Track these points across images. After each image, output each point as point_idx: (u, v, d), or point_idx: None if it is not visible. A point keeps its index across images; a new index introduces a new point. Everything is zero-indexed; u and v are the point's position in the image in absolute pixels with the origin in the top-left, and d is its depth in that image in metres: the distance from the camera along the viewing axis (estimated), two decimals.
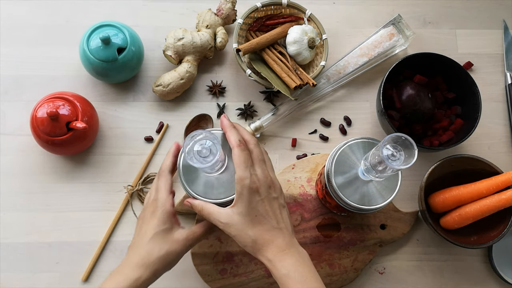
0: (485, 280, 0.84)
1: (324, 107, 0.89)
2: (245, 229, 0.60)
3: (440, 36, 0.93)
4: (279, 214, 0.62)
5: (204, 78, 0.88)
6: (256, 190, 0.60)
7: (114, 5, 0.90)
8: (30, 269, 0.80)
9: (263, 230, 0.61)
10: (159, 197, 0.66)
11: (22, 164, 0.83)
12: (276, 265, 0.60)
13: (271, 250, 0.60)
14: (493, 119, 0.89)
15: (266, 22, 0.88)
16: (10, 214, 0.81)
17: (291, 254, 0.60)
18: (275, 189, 0.63)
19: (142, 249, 0.63)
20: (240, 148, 0.61)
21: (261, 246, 0.61)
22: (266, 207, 0.61)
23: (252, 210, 0.60)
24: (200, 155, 0.58)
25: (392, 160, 0.59)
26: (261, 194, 0.61)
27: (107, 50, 0.79)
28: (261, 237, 0.60)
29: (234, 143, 0.62)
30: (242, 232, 0.61)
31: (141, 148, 0.85)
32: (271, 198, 0.62)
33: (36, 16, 0.89)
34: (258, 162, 0.62)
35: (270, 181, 0.62)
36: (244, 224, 0.60)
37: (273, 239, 0.61)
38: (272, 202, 0.62)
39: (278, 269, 0.59)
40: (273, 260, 0.60)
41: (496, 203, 0.75)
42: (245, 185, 0.60)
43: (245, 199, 0.60)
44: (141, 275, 0.61)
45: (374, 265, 0.83)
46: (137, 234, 0.66)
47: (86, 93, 0.85)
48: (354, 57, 0.88)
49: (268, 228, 0.61)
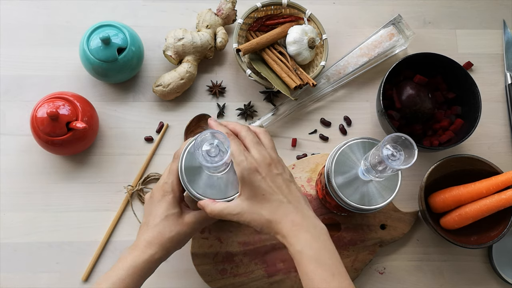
0: (485, 280, 0.84)
1: (324, 107, 0.89)
2: (256, 211, 0.60)
3: (440, 36, 0.93)
4: (285, 189, 0.62)
5: (204, 78, 0.88)
6: (255, 169, 0.61)
7: (114, 5, 0.90)
8: (30, 269, 0.80)
9: (273, 207, 0.60)
10: (171, 181, 0.66)
11: (22, 164, 0.83)
12: (290, 241, 0.59)
13: (285, 226, 0.60)
14: (493, 119, 0.89)
15: (266, 22, 0.88)
16: (10, 214, 0.81)
17: (306, 229, 0.60)
18: (276, 165, 0.63)
19: (154, 229, 0.65)
20: (232, 138, 0.63)
21: (276, 224, 0.60)
22: (269, 184, 0.61)
23: (257, 191, 0.60)
24: (209, 154, 0.59)
25: (392, 160, 0.59)
26: (261, 173, 0.61)
27: (107, 50, 0.79)
28: (273, 215, 0.60)
29: (227, 134, 0.63)
30: (255, 215, 0.61)
31: (141, 148, 0.85)
32: (273, 174, 0.62)
33: (36, 16, 0.89)
34: (253, 145, 0.63)
35: (268, 159, 0.62)
36: (254, 206, 0.60)
37: (286, 214, 0.60)
38: (275, 178, 0.62)
39: (293, 245, 0.59)
40: (287, 236, 0.59)
41: (496, 203, 0.75)
42: (244, 168, 0.60)
43: (247, 182, 0.60)
44: (156, 252, 0.64)
45: (374, 265, 0.83)
46: (148, 214, 0.67)
47: (86, 93, 0.85)
48: (354, 57, 0.88)
49: (277, 204, 0.60)
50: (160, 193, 0.67)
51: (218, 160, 0.58)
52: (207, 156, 0.59)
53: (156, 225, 0.65)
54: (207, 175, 0.65)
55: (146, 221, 0.67)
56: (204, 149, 0.59)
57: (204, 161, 0.58)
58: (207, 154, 0.59)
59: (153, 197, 0.68)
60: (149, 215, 0.67)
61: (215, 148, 0.59)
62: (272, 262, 0.79)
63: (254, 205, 0.61)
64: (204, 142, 0.59)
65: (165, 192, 0.67)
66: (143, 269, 0.64)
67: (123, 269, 0.63)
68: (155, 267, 0.65)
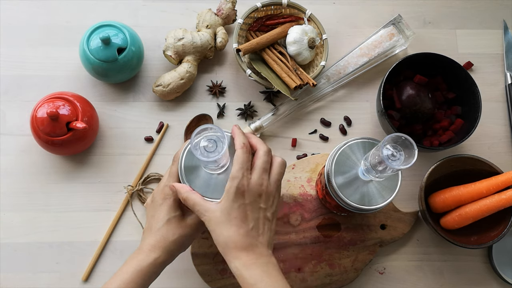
0: (485, 280, 0.84)
1: (324, 107, 0.89)
2: (222, 226, 0.60)
3: (440, 36, 0.93)
4: (260, 225, 0.61)
5: (204, 78, 0.88)
6: (242, 193, 0.60)
7: (114, 5, 0.90)
8: (30, 269, 0.80)
9: (238, 235, 0.60)
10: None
11: (22, 164, 0.83)
12: (242, 274, 0.59)
13: (239, 259, 0.59)
14: (493, 119, 0.89)
15: (266, 22, 0.88)
16: (10, 214, 0.81)
17: (259, 265, 0.60)
18: (266, 200, 0.62)
19: (157, 233, 0.66)
20: (242, 150, 0.62)
21: (231, 250, 0.60)
22: (247, 213, 0.60)
23: (232, 210, 0.60)
24: (206, 149, 0.59)
25: (392, 160, 0.59)
26: (245, 199, 0.60)
27: (107, 50, 0.79)
28: (233, 242, 0.60)
29: (238, 145, 0.62)
30: (218, 229, 0.60)
31: (141, 148, 0.85)
32: (256, 206, 0.61)
33: (36, 16, 0.89)
34: (259, 169, 0.62)
35: (262, 190, 0.61)
36: (222, 221, 0.60)
37: (245, 247, 0.60)
38: (255, 210, 0.61)
39: (245, 278, 0.59)
40: (240, 269, 0.59)
41: (496, 203, 0.75)
42: (233, 185, 0.60)
43: (230, 198, 0.60)
44: (159, 256, 0.64)
45: (374, 265, 0.83)
46: (151, 218, 0.68)
47: (86, 93, 0.85)
48: (354, 57, 0.88)
49: (243, 233, 0.60)
50: (161, 196, 0.67)
51: (213, 156, 0.58)
52: (204, 151, 0.59)
53: (159, 229, 0.66)
54: (206, 175, 0.65)
55: (149, 225, 0.67)
56: (201, 145, 0.59)
57: (201, 155, 0.58)
58: (204, 149, 0.59)
59: (155, 201, 0.68)
60: (151, 219, 0.67)
61: (212, 143, 0.59)
62: None
63: (223, 220, 0.60)
64: (200, 134, 0.59)
65: (166, 195, 0.67)
66: (148, 272, 0.64)
67: (128, 273, 0.63)
68: (159, 270, 0.66)
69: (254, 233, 0.61)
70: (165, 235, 0.65)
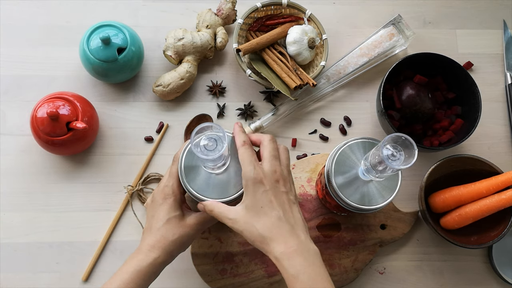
0: (485, 280, 0.84)
1: (324, 107, 0.89)
2: (251, 221, 0.59)
3: (440, 36, 0.93)
4: (288, 208, 0.60)
5: (204, 78, 0.88)
6: (260, 181, 0.59)
7: (114, 5, 0.90)
8: (30, 269, 0.80)
9: (270, 223, 0.58)
10: (171, 184, 0.66)
11: (22, 164, 0.83)
12: (283, 264, 0.57)
13: (279, 247, 0.58)
14: (493, 119, 0.89)
15: (266, 22, 0.88)
16: (10, 214, 0.81)
17: (300, 252, 0.58)
18: (284, 183, 0.62)
19: (157, 233, 0.65)
20: (244, 147, 0.62)
21: (269, 241, 0.58)
22: (271, 198, 0.59)
23: (257, 202, 0.59)
24: (206, 147, 0.59)
25: (392, 160, 0.59)
26: (265, 185, 0.60)
27: (107, 50, 0.79)
28: (268, 231, 0.58)
29: (239, 144, 0.63)
30: (249, 226, 0.59)
31: (141, 148, 0.85)
32: (278, 190, 0.60)
33: (36, 16, 0.89)
34: (269, 157, 0.62)
35: (278, 175, 0.61)
36: (250, 217, 0.59)
37: (282, 233, 0.58)
38: (279, 194, 0.60)
39: (286, 269, 0.57)
40: (280, 259, 0.57)
41: (496, 203, 0.75)
42: (249, 178, 0.60)
43: (250, 191, 0.60)
44: (159, 256, 0.64)
45: (374, 265, 0.83)
46: (151, 217, 0.67)
47: (86, 93, 0.85)
48: (354, 57, 0.88)
49: (274, 220, 0.59)
50: (161, 196, 0.67)
51: (213, 155, 0.58)
52: (204, 149, 0.59)
53: (159, 229, 0.65)
54: (206, 175, 0.65)
55: (149, 225, 0.67)
56: (202, 144, 0.59)
57: (201, 153, 0.58)
58: (204, 147, 0.59)
59: (155, 201, 0.68)
60: (151, 218, 0.67)
61: (212, 142, 0.59)
62: (272, 262, 0.79)
63: (250, 215, 0.59)
64: (202, 133, 0.59)
65: (166, 195, 0.66)
66: (147, 272, 0.64)
67: (127, 273, 0.63)
68: (159, 270, 0.66)
69: (287, 217, 0.59)
70: (165, 235, 0.65)
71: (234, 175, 0.65)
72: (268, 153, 0.62)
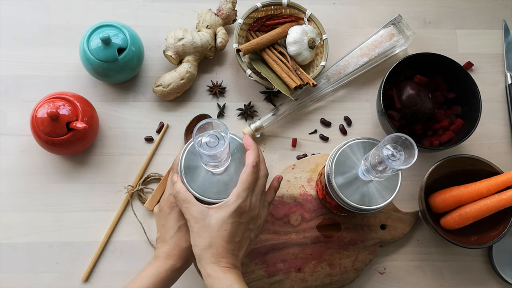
0: (485, 280, 0.84)
1: (324, 107, 0.89)
2: (210, 233, 0.62)
3: (440, 36, 0.93)
4: (244, 244, 0.65)
5: (204, 78, 0.88)
6: (241, 213, 0.63)
7: (114, 5, 0.90)
8: (30, 269, 0.80)
9: (222, 245, 0.62)
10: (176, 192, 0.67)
11: (22, 164, 0.83)
12: (219, 276, 0.60)
13: (219, 263, 0.61)
14: (493, 119, 0.89)
15: (266, 22, 0.88)
16: (10, 214, 0.81)
17: (235, 272, 0.62)
18: (255, 223, 0.65)
19: (170, 242, 0.67)
20: (253, 170, 0.64)
21: (211, 255, 0.62)
22: (238, 232, 0.63)
23: (226, 225, 0.62)
24: (208, 144, 0.59)
25: (392, 160, 0.59)
26: (242, 218, 0.63)
27: (107, 50, 0.79)
28: (215, 248, 0.62)
29: (252, 162, 0.64)
30: (205, 233, 0.62)
31: (141, 148, 0.85)
32: (247, 227, 0.64)
33: (36, 16, 0.89)
34: (259, 193, 0.65)
35: (256, 214, 0.65)
36: (212, 229, 0.62)
37: (226, 256, 0.62)
38: (246, 231, 0.64)
39: (222, 279, 0.60)
40: (218, 271, 0.61)
41: (496, 203, 0.75)
42: (236, 204, 0.62)
43: (228, 213, 0.62)
44: (176, 263, 0.66)
45: (374, 265, 0.83)
46: (161, 227, 0.69)
47: (86, 93, 0.85)
48: (354, 57, 0.88)
49: (226, 247, 0.62)
50: (167, 205, 0.69)
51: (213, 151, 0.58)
52: (206, 146, 0.59)
53: (171, 238, 0.67)
54: (206, 175, 0.65)
55: (161, 235, 0.69)
56: (204, 141, 0.59)
57: (202, 148, 0.58)
58: (206, 144, 0.59)
59: (162, 211, 0.69)
60: (162, 228, 0.69)
61: (214, 139, 0.59)
62: (272, 262, 0.79)
63: (213, 228, 0.62)
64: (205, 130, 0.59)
65: (172, 204, 0.68)
66: (166, 278, 0.66)
67: (147, 278, 0.65)
68: (177, 276, 0.68)
69: (237, 247, 0.63)
70: (178, 242, 0.67)
71: (234, 175, 0.65)
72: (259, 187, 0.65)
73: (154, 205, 0.81)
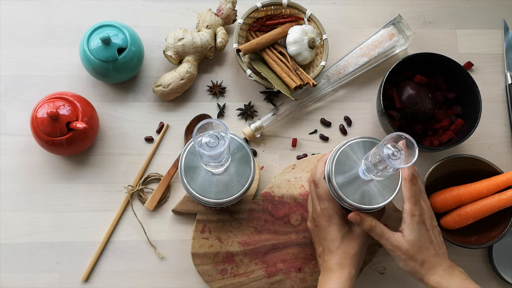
0: (485, 280, 0.84)
1: (324, 107, 0.89)
2: (415, 255, 0.66)
3: (440, 36, 0.93)
4: (440, 241, 0.69)
5: (204, 78, 0.88)
6: (423, 222, 0.67)
7: (114, 5, 0.90)
8: (30, 269, 0.80)
9: (429, 256, 0.67)
10: (328, 206, 0.71)
11: (22, 164, 0.83)
12: (447, 286, 0.65)
13: (438, 273, 0.66)
14: (493, 119, 0.89)
15: (266, 22, 0.88)
16: (10, 214, 0.81)
17: (456, 274, 0.66)
18: (433, 218, 0.69)
19: (338, 252, 0.70)
20: (412, 182, 0.67)
21: (427, 270, 0.66)
22: (431, 237, 0.68)
23: (420, 240, 0.66)
24: (208, 144, 0.59)
25: (392, 159, 0.59)
26: (426, 225, 0.67)
27: (107, 50, 0.79)
28: (428, 261, 0.66)
29: (408, 176, 0.67)
30: (411, 257, 0.66)
31: (141, 148, 0.85)
32: (433, 227, 0.68)
33: (36, 16, 0.89)
34: (422, 197, 0.69)
35: (431, 212, 0.69)
36: (414, 251, 0.66)
37: (439, 263, 0.67)
38: (434, 230, 0.68)
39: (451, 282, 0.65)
40: (441, 282, 0.65)
41: (496, 203, 0.75)
42: (415, 219, 0.66)
43: (415, 230, 0.66)
44: (350, 271, 0.69)
45: (374, 265, 0.83)
46: (323, 240, 0.72)
47: (86, 93, 0.85)
48: (354, 57, 0.88)
49: (433, 253, 0.67)
50: (324, 219, 0.71)
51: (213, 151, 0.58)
52: (205, 146, 0.59)
53: (339, 248, 0.70)
54: (206, 175, 0.65)
55: (325, 248, 0.71)
56: (204, 141, 0.59)
57: (201, 148, 0.58)
58: (206, 144, 0.59)
59: (319, 225, 0.72)
60: (324, 241, 0.72)
61: (214, 139, 0.59)
62: (272, 262, 0.79)
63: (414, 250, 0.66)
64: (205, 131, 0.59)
65: (329, 217, 0.71)
66: (349, 286, 0.68)
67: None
68: (353, 284, 0.70)
69: (440, 249, 0.68)
70: (346, 251, 0.70)
71: (234, 175, 0.65)
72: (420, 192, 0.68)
73: (153, 205, 0.81)
